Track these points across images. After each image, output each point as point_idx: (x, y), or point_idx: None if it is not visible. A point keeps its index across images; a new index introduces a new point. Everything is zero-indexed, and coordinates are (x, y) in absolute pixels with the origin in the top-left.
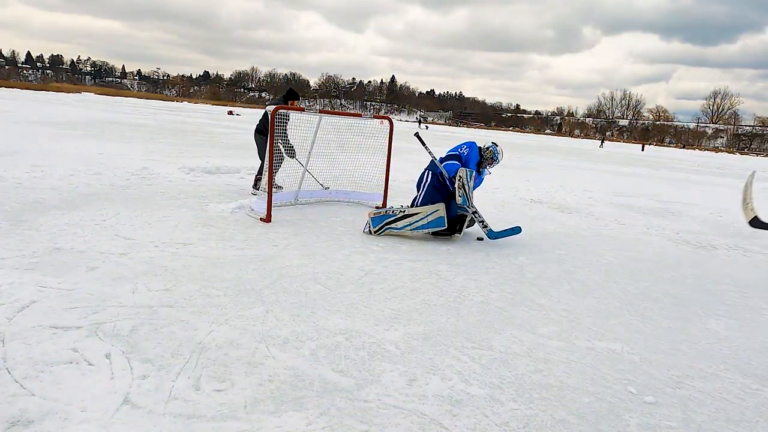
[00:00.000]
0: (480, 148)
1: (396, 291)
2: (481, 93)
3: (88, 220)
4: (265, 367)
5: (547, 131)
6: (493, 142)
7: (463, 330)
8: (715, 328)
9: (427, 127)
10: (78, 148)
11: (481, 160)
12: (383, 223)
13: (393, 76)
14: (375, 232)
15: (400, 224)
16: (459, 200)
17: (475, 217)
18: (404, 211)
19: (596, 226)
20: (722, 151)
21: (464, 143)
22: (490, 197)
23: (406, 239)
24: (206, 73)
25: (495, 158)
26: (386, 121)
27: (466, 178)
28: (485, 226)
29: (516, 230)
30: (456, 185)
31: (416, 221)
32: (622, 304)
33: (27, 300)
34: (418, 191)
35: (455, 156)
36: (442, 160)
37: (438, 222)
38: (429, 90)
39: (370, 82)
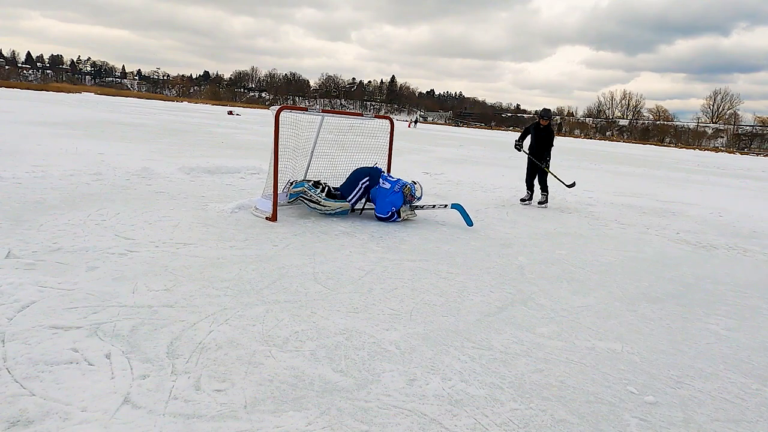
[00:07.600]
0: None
1: (396, 291)
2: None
3: (89, 220)
4: (265, 367)
5: None
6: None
7: (463, 330)
8: (715, 328)
9: (416, 124)
10: (78, 148)
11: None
12: (298, 197)
13: (393, 76)
14: (289, 201)
15: (312, 205)
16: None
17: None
18: (319, 201)
19: (596, 226)
20: (722, 151)
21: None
22: (491, 197)
23: (406, 239)
24: (206, 73)
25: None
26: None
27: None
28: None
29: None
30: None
31: (326, 210)
32: (622, 304)
33: (27, 300)
34: (352, 186)
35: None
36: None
37: (342, 213)
38: (429, 90)
39: (370, 82)
